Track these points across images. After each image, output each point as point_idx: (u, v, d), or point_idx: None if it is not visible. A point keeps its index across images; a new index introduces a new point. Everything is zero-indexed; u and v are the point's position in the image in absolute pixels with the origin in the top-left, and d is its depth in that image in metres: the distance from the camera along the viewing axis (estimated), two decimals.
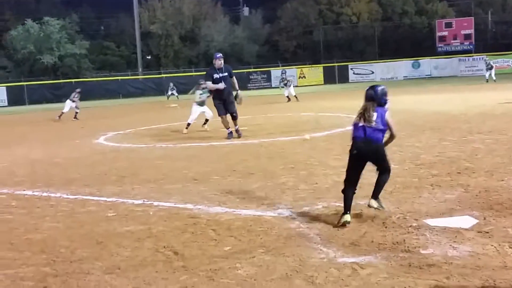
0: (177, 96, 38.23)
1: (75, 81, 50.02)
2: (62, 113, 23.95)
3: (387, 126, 5.21)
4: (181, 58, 62.38)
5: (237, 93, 12.77)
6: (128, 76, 55.61)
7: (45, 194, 7.43)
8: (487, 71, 34.26)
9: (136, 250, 4.69)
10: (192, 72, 51.62)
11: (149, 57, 63.74)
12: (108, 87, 50.17)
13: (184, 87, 38.73)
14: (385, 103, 5.30)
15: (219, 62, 12.36)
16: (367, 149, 5.18)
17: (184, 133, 14.13)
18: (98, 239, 5.08)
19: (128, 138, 14.49)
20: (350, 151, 5.28)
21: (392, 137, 5.44)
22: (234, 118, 12.64)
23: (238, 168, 8.48)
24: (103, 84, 50.31)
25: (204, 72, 13.82)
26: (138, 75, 56.02)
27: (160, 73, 55.91)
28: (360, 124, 5.21)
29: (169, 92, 39.27)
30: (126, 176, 8.37)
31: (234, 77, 12.69)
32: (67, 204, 6.72)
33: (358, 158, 5.24)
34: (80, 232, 5.40)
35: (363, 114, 5.23)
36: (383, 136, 5.26)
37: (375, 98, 5.26)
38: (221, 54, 12.74)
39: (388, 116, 5.21)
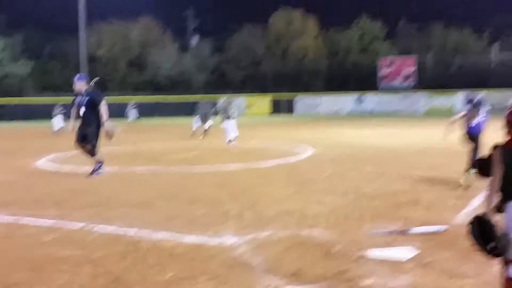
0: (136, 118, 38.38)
1: (16, 102, 48.75)
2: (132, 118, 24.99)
3: (481, 125, 8.84)
4: (127, 83, 61.76)
5: (103, 125, 10.76)
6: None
7: None
8: None
9: (74, 276, 4.54)
10: (138, 97, 51.09)
11: (97, 78, 62.76)
12: (51, 108, 48.97)
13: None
14: (480, 108, 8.87)
15: (77, 87, 10.89)
16: (469, 138, 8.87)
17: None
18: (35, 264, 4.89)
19: (70, 160, 14.13)
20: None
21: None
22: (90, 153, 10.87)
23: (182, 194, 8.40)
24: (45, 106, 49.07)
25: (148, 99, 13.30)
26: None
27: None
28: (466, 122, 8.86)
29: (130, 115, 39.16)
30: (66, 200, 8.14)
31: (101, 105, 10.70)
32: (4, 226, 6.46)
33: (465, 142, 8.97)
34: (16, 255, 5.19)
35: (468, 115, 8.86)
36: (479, 132, 8.76)
37: (476, 105, 8.81)
38: (78, 76, 11.33)
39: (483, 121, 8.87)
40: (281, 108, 53.62)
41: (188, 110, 49.49)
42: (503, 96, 35.19)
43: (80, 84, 11.00)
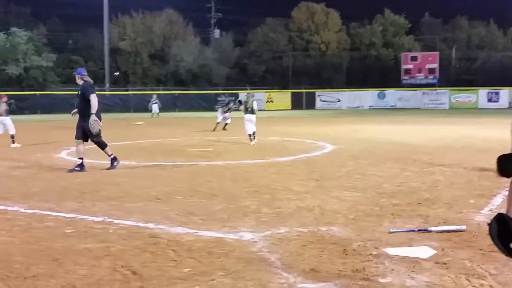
0: (157, 113, 38.80)
1: (40, 94, 49.35)
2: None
3: None
4: (149, 76, 62.14)
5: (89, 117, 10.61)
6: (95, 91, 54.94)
7: (1, 207, 7.24)
8: None
9: (93, 269, 4.59)
10: (160, 90, 51.35)
11: (117, 74, 63.26)
12: (74, 101, 49.42)
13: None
14: None
15: (77, 81, 11.00)
16: None
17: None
18: (54, 256, 4.96)
19: (91, 153, 14.27)
20: None
21: None
22: (99, 147, 11.20)
23: (201, 189, 8.43)
24: (68, 98, 49.63)
25: (170, 92, 13.39)
26: (105, 91, 55.51)
27: (127, 90, 55.51)
28: None
29: (152, 109, 39.49)
30: (86, 192, 8.23)
31: (91, 98, 10.61)
32: (24, 218, 6.56)
33: None
34: (36, 248, 5.26)
35: None
36: None
37: None
38: (77, 71, 11.26)
39: None
40: (302, 103, 53.46)
41: (208, 103, 49.90)
42: None
43: (77, 78, 11.02)
